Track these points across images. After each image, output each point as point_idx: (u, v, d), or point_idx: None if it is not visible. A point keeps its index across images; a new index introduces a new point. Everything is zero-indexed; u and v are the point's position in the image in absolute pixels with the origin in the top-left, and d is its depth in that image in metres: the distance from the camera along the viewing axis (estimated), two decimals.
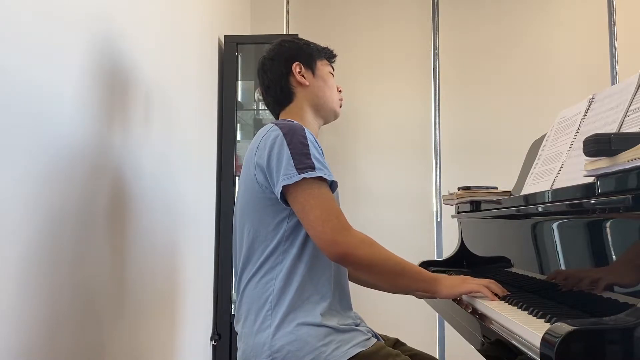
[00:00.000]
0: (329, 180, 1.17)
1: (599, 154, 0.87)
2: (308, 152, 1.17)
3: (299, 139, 1.19)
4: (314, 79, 1.40)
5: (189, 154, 2.12)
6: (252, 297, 1.21)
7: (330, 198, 1.16)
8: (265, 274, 1.20)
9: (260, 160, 1.21)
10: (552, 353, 0.74)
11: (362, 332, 1.20)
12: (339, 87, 1.47)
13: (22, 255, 1.04)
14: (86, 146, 1.29)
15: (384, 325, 1.43)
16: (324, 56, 1.45)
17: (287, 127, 1.21)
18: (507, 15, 3.18)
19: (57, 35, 1.17)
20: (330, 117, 1.44)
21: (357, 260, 1.14)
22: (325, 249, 1.13)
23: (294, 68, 1.39)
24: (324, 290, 1.20)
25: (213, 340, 2.46)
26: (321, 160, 1.20)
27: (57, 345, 1.16)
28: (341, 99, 1.47)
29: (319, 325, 1.15)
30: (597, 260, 1.00)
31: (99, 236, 1.35)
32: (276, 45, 1.44)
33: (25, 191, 1.05)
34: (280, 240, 1.20)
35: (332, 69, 1.47)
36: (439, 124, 3.12)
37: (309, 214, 1.14)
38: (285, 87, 1.39)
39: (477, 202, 1.61)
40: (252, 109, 2.89)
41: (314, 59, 1.42)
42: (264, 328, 1.16)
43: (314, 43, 1.46)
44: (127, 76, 1.53)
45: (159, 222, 1.76)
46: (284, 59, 1.40)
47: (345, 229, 1.13)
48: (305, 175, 1.14)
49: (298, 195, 1.15)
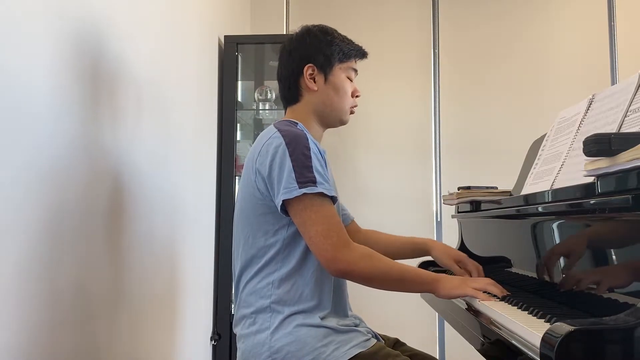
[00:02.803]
0: (329, 195, 1.16)
1: (599, 154, 0.87)
2: (310, 165, 1.16)
3: (301, 149, 1.17)
4: (325, 85, 1.33)
5: (189, 153, 2.12)
6: (250, 302, 1.21)
7: (331, 213, 1.15)
8: (263, 279, 1.20)
9: (261, 167, 1.20)
10: (552, 353, 0.74)
11: (362, 332, 1.20)
12: (356, 93, 1.39)
13: (20, 256, 1.04)
14: (86, 146, 1.29)
15: (383, 325, 1.43)
16: (350, 57, 1.36)
17: (290, 135, 1.19)
18: (507, 16, 3.18)
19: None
20: (336, 124, 1.39)
21: (358, 275, 1.16)
22: (327, 266, 1.14)
23: (306, 70, 1.32)
24: (324, 295, 1.20)
25: (213, 340, 2.46)
26: (323, 173, 1.18)
27: (57, 345, 1.16)
28: (355, 105, 1.40)
29: (318, 326, 1.15)
30: (597, 260, 1.00)
31: (99, 236, 1.35)
32: (299, 36, 1.36)
33: (25, 190, 1.05)
34: (280, 248, 1.19)
35: (354, 72, 1.38)
36: (439, 124, 3.12)
37: (309, 229, 1.13)
38: (293, 87, 1.34)
39: (477, 202, 1.61)
40: (252, 109, 2.89)
41: (331, 63, 1.33)
42: (263, 329, 1.16)
43: (342, 40, 1.36)
44: (126, 76, 1.53)
45: (158, 222, 1.76)
46: (299, 57, 1.34)
47: (345, 245, 1.14)
48: (306, 190, 1.13)
49: (299, 209, 1.14)
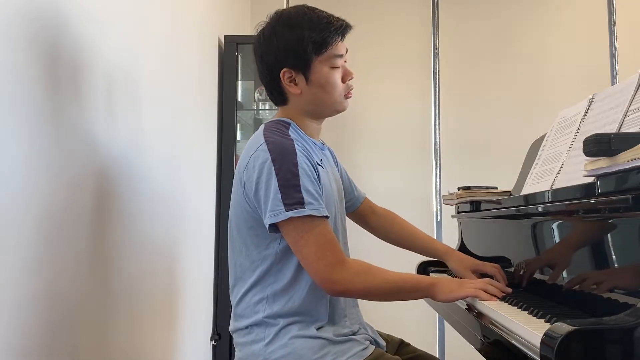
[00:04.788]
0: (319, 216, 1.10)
1: (599, 154, 0.87)
2: (298, 184, 1.09)
3: (288, 167, 1.10)
4: (308, 86, 1.21)
5: (189, 153, 2.12)
6: (245, 315, 1.18)
7: (324, 232, 1.10)
8: (257, 294, 1.16)
9: (248, 183, 1.15)
10: (552, 353, 0.74)
11: (359, 341, 1.17)
12: (348, 76, 1.26)
13: (19, 254, 1.04)
14: (86, 146, 1.29)
15: (383, 326, 1.43)
16: (327, 44, 1.20)
17: (277, 149, 1.12)
18: (507, 16, 3.18)
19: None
20: (332, 114, 1.28)
21: (354, 293, 1.15)
22: (323, 286, 1.11)
23: (282, 75, 1.21)
24: (320, 306, 1.17)
25: (213, 340, 2.46)
26: (312, 190, 1.11)
27: (58, 345, 1.16)
28: (350, 89, 1.27)
29: (314, 337, 1.12)
30: (597, 260, 1.00)
31: (98, 237, 1.35)
32: (267, 38, 1.22)
33: (24, 190, 1.05)
34: (274, 262, 1.15)
35: (339, 56, 1.23)
36: (439, 124, 3.12)
37: (302, 250, 1.10)
38: (276, 92, 1.25)
39: (477, 202, 1.61)
40: (252, 109, 2.89)
41: (307, 61, 1.19)
42: (258, 340, 1.14)
43: (313, 27, 1.19)
44: (126, 75, 1.53)
45: (159, 222, 1.76)
46: (272, 62, 1.21)
47: (339, 264, 1.10)
48: (293, 214, 1.07)
49: (289, 229, 1.10)
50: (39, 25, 1.12)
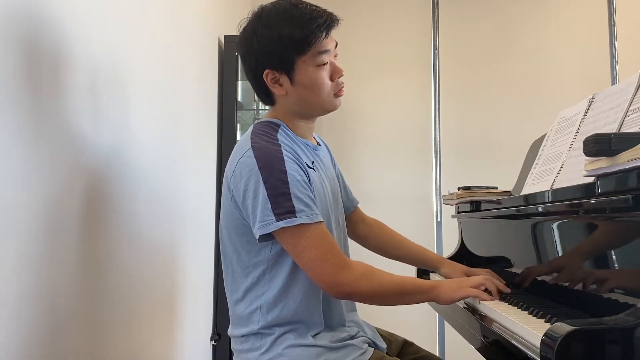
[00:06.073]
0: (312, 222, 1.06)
1: (599, 154, 0.87)
2: (287, 192, 1.06)
3: (276, 175, 1.06)
4: (293, 86, 1.16)
5: (189, 153, 2.12)
6: (240, 324, 1.17)
7: (321, 235, 1.07)
8: (251, 303, 1.14)
9: (235, 190, 1.12)
10: (552, 353, 0.74)
11: (357, 346, 1.15)
12: (337, 74, 1.18)
13: (19, 253, 1.04)
14: (85, 146, 1.29)
15: (383, 325, 1.43)
16: (310, 43, 1.13)
17: (264, 156, 1.09)
18: (507, 15, 3.18)
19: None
20: (322, 114, 1.24)
21: (359, 295, 1.12)
22: (328, 290, 1.09)
23: (265, 77, 1.16)
24: (315, 313, 1.15)
25: (213, 340, 2.46)
26: (302, 197, 1.07)
27: (57, 345, 1.16)
28: (341, 87, 1.20)
29: (310, 346, 1.11)
30: (597, 260, 1.00)
31: (98, 236, 1.35)
32: (248, 39, 1.17)
33: (24, 189, 1.05)
34: (266, 268, 1.13)
35: (325, 52, 1.15)
36: (439, 124, 3.12)
37: (302, 256, 1.07)
38: (262, 93, 1.21)
39: (477, 202, 1.61)
40: (252, 109, 2.89)
41: (290, 61, 1.14)
42: (254, 349, 1.13)
43: (294, 25, 1.12)
44: (126, 75, 1.53)
45: (159, 222, 1.76)
46: (254, 64, 1.17)
47: (343, 267, 1.08)
48: (284, 224, 1.04)
49: (285, 238, 1.07)
50: (39, 25, 1.12)
